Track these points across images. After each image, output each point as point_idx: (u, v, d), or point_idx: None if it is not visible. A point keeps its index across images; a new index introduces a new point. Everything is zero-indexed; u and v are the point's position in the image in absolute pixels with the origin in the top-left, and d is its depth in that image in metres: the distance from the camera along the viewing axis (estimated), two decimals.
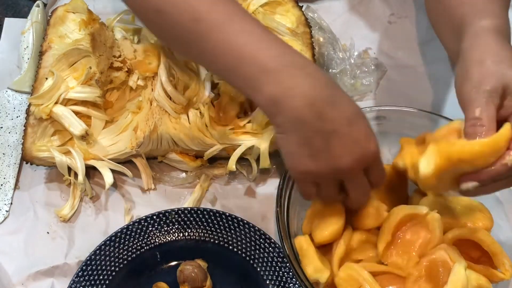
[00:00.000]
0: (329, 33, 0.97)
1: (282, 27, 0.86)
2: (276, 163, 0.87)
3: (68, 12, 0.88)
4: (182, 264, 0.77)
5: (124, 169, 0.84)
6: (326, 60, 0.94)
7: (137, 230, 0.80)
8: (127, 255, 0.79)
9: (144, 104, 0.85)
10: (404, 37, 1.01)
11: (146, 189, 0.86)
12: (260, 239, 0.79)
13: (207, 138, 0.83)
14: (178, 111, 0.84)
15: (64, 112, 0.82)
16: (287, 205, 0.75)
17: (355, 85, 0.94)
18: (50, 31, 0.87)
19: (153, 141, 0.84)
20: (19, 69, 0.97)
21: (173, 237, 0.81)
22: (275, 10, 0.89)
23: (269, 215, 0.84)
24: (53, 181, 0.87)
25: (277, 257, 0.78)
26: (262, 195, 0.86)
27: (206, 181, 0.86)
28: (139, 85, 0.87)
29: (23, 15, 1.03)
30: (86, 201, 0.86)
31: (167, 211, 0.81)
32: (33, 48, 0.95)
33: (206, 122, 0.83)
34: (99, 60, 0.85)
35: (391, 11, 1.03)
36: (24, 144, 0.83)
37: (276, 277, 0.78)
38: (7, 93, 0.95)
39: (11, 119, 0.92)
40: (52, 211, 0.84)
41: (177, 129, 0.83)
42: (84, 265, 0.78)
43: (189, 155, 0.86)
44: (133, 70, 0.87)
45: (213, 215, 0.81)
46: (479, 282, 0.66)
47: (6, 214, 0.84)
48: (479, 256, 0.71)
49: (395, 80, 0.96)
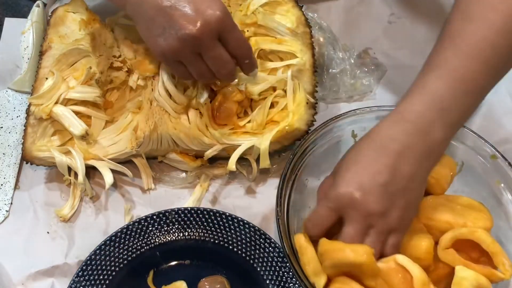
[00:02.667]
0: (329, 33, 0.97)
1: (282, 27, 0.86)
2: (276, 163, 0.87)
3: (68, 12, 0.88)
4: (202, 280, 0.78)
5: (124, 169, 0.84)
6: (326, 60, 0.94)
7: (137, 230, 0.80)
8: (127, 255, 0.79)
9: (144, 104, 0.85)
10: (404, 37, 1.01)
11: (146, 189, 0.86)
12: (260, 239, 0.79)
13: (207, 138, 0.83)
14: (178, 111, 0.84)
15: (64, 112, 0.82)
16: (287, 205, 0.75)
17: (355, 85, 0.94)
18: (50, 31, 0.87)
19: (153, 141, 0.84)
20: (19, 69, 0.97)
21: (173, 237, 0.81)
22: (275, 10, 0.89)
23: (269, 215, 0.84)
24: (53, 181, 0.87)
25: (277, 257, 0.78)
26: (262, 195, 0.86)
27: (206, 181, 0.86)
28: (139, 85, 0.87)
29: (23, 15, 1.03)
30: (86, 201, 0.86)
31: (167, 211, 0.81)
32: (33, 48, 0.95)
33: (206, 122, 0.83)
34: (99, 60, 0.85)
35: (391, 11, 1.04)
36: (24, 144, 0.83)
37: (276, 277, 0.78)
38: (7, 93, 0.95)
39: (11, 119, 0.92)
40: (52, 211, 0.84)
41: (177, 129, 0.83)
42: (84, 265, 0.78)
43: (189, 155, 0.86)
44: (133, 70, 0.87)
45: (213, 215, 0.81)
46: (479, 282, 0.66)
47: (6, 214, 0.84)
48: (479, 256, 0.71)
49: (395, 80, 0.96)
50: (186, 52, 0.71)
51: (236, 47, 0.73)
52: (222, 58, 0.72)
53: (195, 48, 0.71)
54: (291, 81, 0.83)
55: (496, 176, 0.77)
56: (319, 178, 0.81)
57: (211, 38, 0.70)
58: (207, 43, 0.70)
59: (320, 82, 0.92)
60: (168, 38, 0.70)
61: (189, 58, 0.72)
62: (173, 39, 0.70)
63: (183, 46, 0.70)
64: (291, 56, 0.85)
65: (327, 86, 0.93)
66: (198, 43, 0.70)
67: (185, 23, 0.68)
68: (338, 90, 0.93)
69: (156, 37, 0.71)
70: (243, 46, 0.74)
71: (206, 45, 0.70)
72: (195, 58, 0.72)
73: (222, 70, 0.74)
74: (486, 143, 0.78)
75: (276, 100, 0.84)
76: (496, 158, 0.76)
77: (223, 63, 0.73)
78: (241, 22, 0.86)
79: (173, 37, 0.69)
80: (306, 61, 0.85)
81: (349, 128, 0.82)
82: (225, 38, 0.71)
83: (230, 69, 0.74)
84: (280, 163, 0.87)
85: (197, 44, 0.70)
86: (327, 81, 0.93)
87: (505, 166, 0.76)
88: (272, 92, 0.85)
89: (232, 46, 0.72)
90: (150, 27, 0.71)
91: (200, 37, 0.69)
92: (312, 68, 0.86)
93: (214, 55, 0.72)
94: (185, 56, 0.72)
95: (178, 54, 0.72)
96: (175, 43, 0.70)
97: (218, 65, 0.73)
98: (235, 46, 0.73)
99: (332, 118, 0.80)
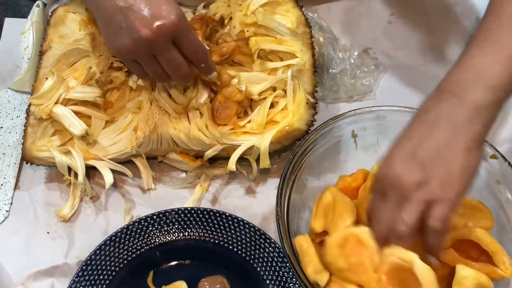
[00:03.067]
0: (329, 33, 0.97)
1: (282, 27, 0.86)
2: (276, 163, 0.87)
3: (68, 12, 0.88)
4: (203, 280, 0.78)
5: (124, 169, 0.84)
6: (326, 60, 0.94)
7: (137, 230, 0.80)
8: (127, 255, 0.79)
9: (144, 104, 0.85)
10: (404, 37, 1.01)
11: (146, 189, 0.86)
12: (260, 239, 0.79)
13: (207, 138, 0.83)
14: (178, 111, 0.84)
15: (64, 112, 0.82)
16: (287, 205, 0.75)
17: (355, 85, 0.94)
18: (50, 31, 0.87)
19: (153, 141, 0.84)
20: (19, 69, 0.97)
21: (173, 237, 0.81)
22: (275, 10, 0.89)
23: (269, 215, 0.84)
24: (53, 181, 0.87)
25: (277, 257, 0.78)
26: (262, 195, 0.86)
27: (206, 181, 0.86)
28: (139, 85, 0.87)
29: (23, 15, 1.03)
30: (86, 201, 0.86)
31: (167, 211, 0.81)
32: (33, 48, 0.95)
33: (206, 122, 0.83)
34: (99, 60, 0.85)
35: (391, 11, 1.03)
36: (24, 144, 0.83)
37: (276, 277, 0.78)
38: (7, 93, 0.95)
39: (11, 119, 0.92)
40: (52, 211, 0.84)
41: (177, 129, 0.83)
42: (84, 265, 0.78)
43: (189, 155, 0.86)
44: None
45: (213, 215, 0.81)
46: (480, 281, 0.66)
47: (6, 214, 0.84)
48: (478, 255, 0.71)
49: (395, 80, 0.96)
50: (140, 53, 0.73)
51: (190, 52, 0.75)
52: (176, 61, 0.74)
53: (150, 51, 0.73)
54: (291, 81, 0.83)
55: (496, 176, 0.77)
56: (319, 178, 0.81)
57: (165, 42, 0.72)
58: (161, 46, 0.72)
59: (320, 82, 0.92)
60: (124, 38, 0.71)
61: (144, 59, 0.74)
62: (128, 40, 0.71)
63: (138, 48, 0.72)
64: (291, 56, 0.85)
65: (327, 86, 0.93)
66: (152, 46, 0.72)
67: (140, 25, 0.70)
68: (338, 90, 0.93)
69: (113, 35, 0.73)
70: (198, 51, 0.76)
71: (160, 48, 0.72)
72: (150, 60, 0.74)
73: (176, 73, 0.76)
74: (486, 143, 0.77)
75: (276, 100, 0.84)
76: (496, 158, 0.76)
77: (176, 66, 0.75)
78: (241, 22, 0.86)
79: (129, 38, 0.71)
80: (306, 61, 0.85)
81: (349, 128, 0.82)
82: (180, 42, 0.73)
83: (184, 72, 0.76)
84: (280, 163, 0.87)
85: (151, 46, 0.72)
86: (327, 81, 0.93)
87: (505, 166, 0.76)
88: (272, 92, 0.85)
89: (186, 50, 0.74)
90: (108, 24, 0.73)
91: (154, 40, 0.71)
92: (312, 68, 0.86)
93: (168, 58, 0.74)
94: (140, 57, 0.74)
95: (133, 55, 0.74)
96: (130, 44, 0.72)
97: (172, 68, 0.75)
98: (189, 50, 0.75)
99: (332, 118, 0.80)
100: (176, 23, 0.71)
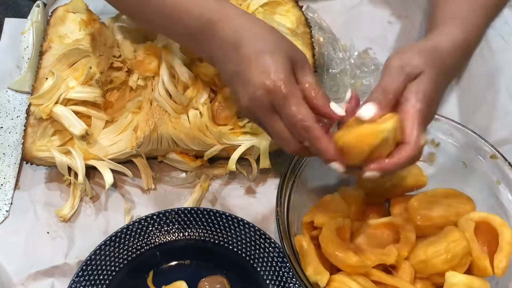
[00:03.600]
0: (329, 33, 0.97)
1: (282, 27, 0.86)
2: (276, 163, 0.87)
3: (68, 12, 0.88)
4: (203, 280, 0.77)
5: (124, 169, 0.84)
6: (326, 60, 0.94)
7: (137, 230, 0.80)
8: (127, 255, 0.79)
9: (144, 104, 0.85)
10: (404, 37, 1.01)
11: (146, 189, 0.86)
12: (260, 239, 0.79)
13: (207, 138, 0.83)
14: (178, 111, 0.84)
15: (64, 112, 0.82)
16: (287, 205, 0.75)
17: (355, 85, 0.94)
18: (50, 31, 0.87)
19: (153, 141, 0.84)
20: (19, 69, 0.97)
21: (173, 237, 0.81)
22: (275, 10, 0.89)
23: (269, 215, 0.84)
24: (53, 181, 0.87)
25: (277, 257, 0.78)
26: (262, 195, 0.86)
27: (206, 181, 0.86)
28: (139, 85, 0.87)
29: (23, 15, 1.03)
30: (86, 201, 0.86)
31: (167, 211, 0.81)
32: (33, 48, 0.95)
33: (206, 122, 0.83)
34: (99, 60, 0.85)
35: (391, 11, 1.03)
36: (24, 144, 0.83)
37: (276, 277, 0.78)
38: (7, 93, 0.95)
39: (11, 119, 0.93)
40: (52, 211, 0.84)
41: (177, 129, 0.83)
42: (84, 265, 0.78)
43: (189, 155, 0.86)
44: (133, 70, 0.88)
45: (213, 215, 0.81)
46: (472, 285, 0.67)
47: (6, 214, 0.84)
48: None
49: None
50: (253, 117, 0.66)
51: (288, 123, 0.63)
52: (278, 132, 0.64)
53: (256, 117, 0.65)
54: None
55: (496, 176, 0.77)
56: (319, 178, 0.81)
57: (265, 111, 0.63)
58: (262, 114, 0.64)
59: (320, 82, 0.92)
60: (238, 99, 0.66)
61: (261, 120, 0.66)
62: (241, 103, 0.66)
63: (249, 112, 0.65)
64: None
65: (327, 86, 0.93)
66: (255, 114, 0.64)
67: (242, 93, 0.64)
68: (338, 90, 0.93)
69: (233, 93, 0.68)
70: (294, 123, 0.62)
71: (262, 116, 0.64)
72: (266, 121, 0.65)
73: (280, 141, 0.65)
74: (486, 143, 0.78)
75: None
76: (496, 158, 0.76)
77: (280, 137, 0.64)
78: None
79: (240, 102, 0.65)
80: None
81: None
82: (279, 112, 0.63)
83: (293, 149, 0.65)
84: (280, 163, 0.87)
85: (255, 114, 0.64)
86: (327, 81, 0.93)
87: (505, 166, 0.76)
88: None
89: (284, 121, 0.63)
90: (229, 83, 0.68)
91: (250, 109, 0.64)
92: (312, 68, 0.86)
93: (271, 127, 0.65)
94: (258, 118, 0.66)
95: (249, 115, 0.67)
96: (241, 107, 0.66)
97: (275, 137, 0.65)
98: (286, 122, 0.63)
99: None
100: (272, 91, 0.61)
